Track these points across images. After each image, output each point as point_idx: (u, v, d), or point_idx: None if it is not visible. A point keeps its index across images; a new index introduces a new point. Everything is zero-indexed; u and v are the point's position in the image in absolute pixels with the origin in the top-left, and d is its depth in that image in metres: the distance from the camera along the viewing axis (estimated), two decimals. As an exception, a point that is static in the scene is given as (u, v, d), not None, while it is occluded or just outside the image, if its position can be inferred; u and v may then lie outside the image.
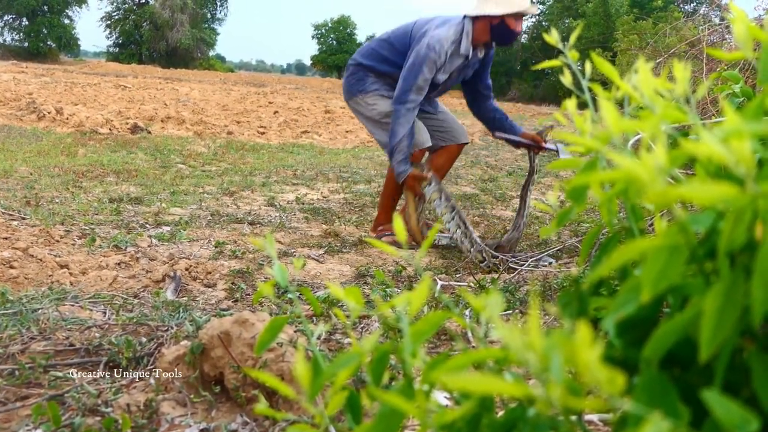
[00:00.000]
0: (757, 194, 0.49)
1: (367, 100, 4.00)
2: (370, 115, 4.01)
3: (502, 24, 3.83)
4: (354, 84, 4.05)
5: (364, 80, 4.00)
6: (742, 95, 2.03)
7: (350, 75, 4.08)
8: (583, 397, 0.55)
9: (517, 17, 3.86)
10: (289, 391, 0.76)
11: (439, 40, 3.76)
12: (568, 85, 0.87)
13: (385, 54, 3.96)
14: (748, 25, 0.69)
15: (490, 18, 3.82)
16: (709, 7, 10.81)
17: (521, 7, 3.78)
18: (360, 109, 4.06)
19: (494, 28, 3.86)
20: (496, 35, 3.91)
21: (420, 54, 3.76)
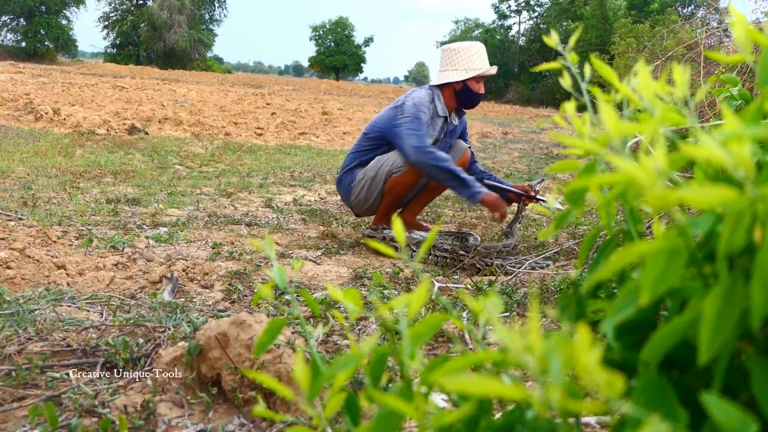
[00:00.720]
0: (756, 197, 0.49)
1: (358, 177, 4.14)
2: (366, 179, 4.11)
3: (465, 88, 4.13)
4: (345, 186, 4.23)
5: (352, 171, 4.20)
6: (740, 98, 2.04)
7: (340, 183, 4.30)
8: (581, 399, 0.55)
9: (479, 79, 4.14)
10: (287, 393, 0.76)
11: (419, 98, 4.04)
12: (567, 87, 0.88)
13: (367, 146, 4.18)
14: (747, 29, 0.69)
15: (453, 84, 4.12)
16: (707, 11, 10.84)
17: (480, 70, 4.07)
18: (359, 187, 4.15)
19: (458, 93, 4.16)
20: (462, 99, 4.19)
21: (409, 111, 3.97)
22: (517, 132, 16.48)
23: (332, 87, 40.76)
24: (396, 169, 3.99)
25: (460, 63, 4.07)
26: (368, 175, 4.08)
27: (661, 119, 0.66)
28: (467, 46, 4.10)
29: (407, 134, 3.89)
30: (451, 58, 4.10)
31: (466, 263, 3.53)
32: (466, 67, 4.06)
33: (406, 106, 3.97)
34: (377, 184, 4.06)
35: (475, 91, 4.14)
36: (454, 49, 4.11)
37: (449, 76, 4.08)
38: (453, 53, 4.10)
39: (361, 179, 4.11)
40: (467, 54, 4.07)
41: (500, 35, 55.36)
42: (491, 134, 14.92)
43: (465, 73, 4.05)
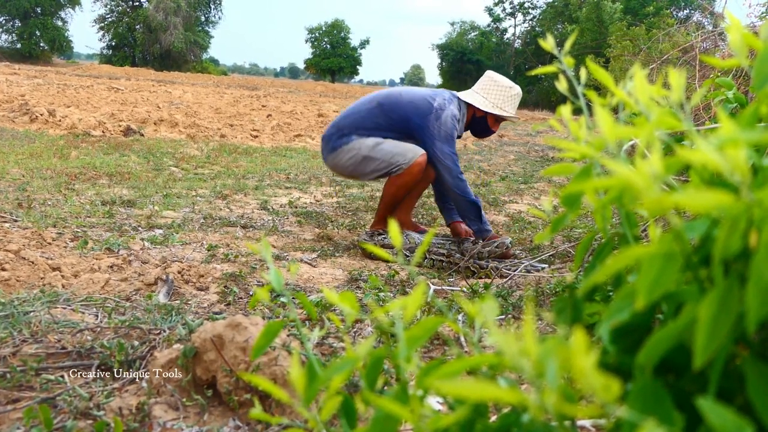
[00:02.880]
0: (752, 202, 0.49)
1: (352, 146, 4.05)
2: (360, 154, 4.03)
3: (484, 119, 4.21)
4: (336, 139, 4.11)
5: (349, 136, 4.08)
6: (736, 102, 2.04)
7: (334, 135, 4.15)
8: (576, 403, 0.55)
9: (499, 119, 4.23)
10: (282, 395, 0.76)
11: (455, 113, 4.06)
12: (563, 91, 0.88)
13: (380, 122, 4.06)
14: (743, 33, 0.69)
15: (476, 109, 4.18)
16: (702, 14, 10.86)
17: (505, 112, 4.14)
18: (347, 154, 4.07)
19: (475, 120, 4.24)
20: (475, 126, 4.28)
21: (449, 125, 3.98)
22: (512, 135, 16.50)
23: (328, 89, 40.74)
24: (396, 168, 3.98)
25: (493, 96, 4.13)
26: (362, 153, 4.02)
27: (656, 123, 0.66)
28: (507, 86, 4.15)
29: (446, 153, 3.94)
30: (488, 86, 4.16)
31: (461, 266, 3.53)
32: (496, 102, 4.12)
33: (445, 119, 3.96)
34: (370, 166, 4.04)
35: (489, 126, 4.24)
36: (496, 81, 4.16)
37: (477, 100, 4.13)
38: (493, 83, 4.15)
39: (353, 149, 4.04)
40: (504, 92, 4.13)
41: (495, 38, 55.43)
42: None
43: (491, 107, 4.11)
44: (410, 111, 4.01)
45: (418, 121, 3.97)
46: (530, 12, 54.65)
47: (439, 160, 3.94)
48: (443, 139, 3.94)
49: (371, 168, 4.03)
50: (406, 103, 4.03)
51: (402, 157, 3.96)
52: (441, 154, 3.93)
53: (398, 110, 4.04)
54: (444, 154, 3.93)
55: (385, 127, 4.04)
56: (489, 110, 4.09)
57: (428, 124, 3.95)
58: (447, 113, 3.97)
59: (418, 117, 3.98)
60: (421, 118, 3.97)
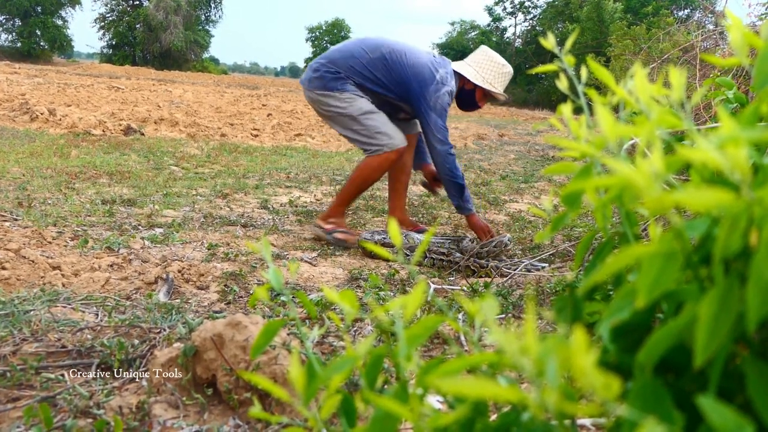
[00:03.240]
0: (753, 201, 0.49)
1: (345, 98, 3.99)
2: (347, 112, 3.98)
3: (473, 92, 4.20)
4: (331, 81, 4.01)
5: (345, 82, 4.00)
6: (736, 101, 2.04)
7: (328, 73, 4.03)
8: (577, 401, 0.55)
9: (487, 95, 4.21)
10: (282, 394, 0.76)
11: (453, 88, 4.03)
12: (564, 90, 0.88)
13: (379, 76, 4.01)
14: (744, 32, 0.69)
15: (467, 81, 4.16)
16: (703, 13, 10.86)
17: (494, 88, 4.14)
18: (336, 102, 4.00)
19: (464, 91, 4.21)
20: (463, 97, 4.26)
21: (446, 100, 3.96)
22: (513, 134, 16.50)
23: (328, 88, 40.62)
24: (376, 147, 3.96)
25: (485, 70, 4.12)
26: (350, 111, 3.98)
27: (657, 122, 0.66)
28: (500, 63, 4.16)
29: (439, 126, 3.92)
30: (481, 61, 4.15)
31: (461, 265, 3.53)
32: (487, 77, 4.12)
33: (444, 93, 3.94)
34: (348, 126, 4.02)
35: (477, 101, 4.23)
36: (490, 56, 4.17)
37: (470, 72, 4.12)
38: (486, 58, 4.16)
39: (345, 101, 3.98)
40: (496, 69, 4.14)
41: (496, 37, 55.39)
42: (487, 136, 14.93)
43: (482, 81, 4.10)
44: (411, 75, 3.96)
45: (417, 88, 3.94)
46: (530, 11, 54.63)
47: (432, 133, 3.92)
48: (438, 112, 3.92)
49: (351, 129, 4.01)
50: (409, 66, 3.97)
51: (386, 137, 3.95)
52: (435, 127, 3.91)
53: (400, 70, 3.98)
54: (437, 127, 3.91)
55: (383, 83, 4.01)
56: (479, 84, 4.09)
57: (427, 94, 3.92)
58: (447, 88, 3.95)
59: (418, 84, 3.94)
60: (421, 86, 3.93)
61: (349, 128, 4.03)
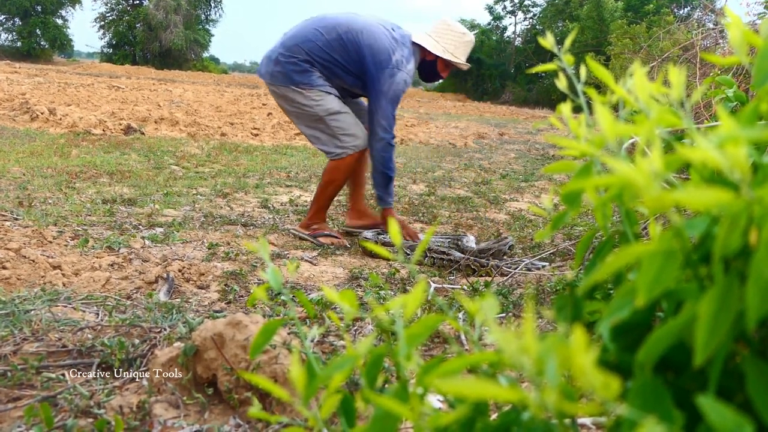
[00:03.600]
0: (752, 200, 0.49)
1: (313, 96, 3.91)
2: (314, 111, 3.91)
3: (434, 63, 4.13)
4: (297, 74, 3.90)
5: (310, 74, 3.90)
6: (736, 100, 2.04)
7: (290, 64, 3.90)
8: (577, 401, 0.55)
9: (448, 65, 4.14)
10: (282, 394, 0.76)
11: (411, 74, 3.99)
12: (563, 89, 0.88)
13: (337, 57, 3.92)
14: (743, 31, 0.69)
15: (427, 52, 4.09)
16: (703, 12, 10.85)
17: (455, 58, 4.07)
18: (303, 100, 3.92)
19: (425, 63, 4.14)
20: (424, 70, 4.20)
21: (399, 89, 3.90)
22: (513, 133, 16.49)
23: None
24: (340, 150, 3.94)
25: (445, 40, 4.06)
26: (317, 111, 3.91)
27: (656, 121, 0.66)
28: (461, 32, 4.09)
29: (388, 113, 3.87)
30: (441, 30, 4.08)
31: (462, 264, 3.53)
32: (447, 47, 4.05)
33: (399, 80, 3.87)
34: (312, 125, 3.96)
35: (439, 71, 4.17)
36: (450, 25, 4.09)
37: (430, 43, 4.05)
38: (446, 27, 4.08)
39: (312, 99, 3.91)
40: (456, 38, 4.06)
41: (496, 36, 55.38)
42: (487, 135, 14.93)
43: (442, 51, 4.04)
44: (368, 55, 3.87)
45: (372, 70, 3.86)
46: (531, 10, 54.59)
47: (379, 120, 3.86)
48: (390, 99, 3.86)
49: (316, 128, 3.96)
50: (366, 46, 3.87)
51: (351, 139, 3.92)
52: (383, 114, 3.85)
53: (357, 49, 3.89)
54: (385, 115, 3.86)
55: (342, 63, 3.91)
56: (440, 54, 4.03)
57: (381, 78, 3.85)
58: (402, 74, 3.88)
59: (374, 65, 3.86)
60: (377, 68, 3.85)
61: (313, 127, 3.97)
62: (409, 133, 13.12)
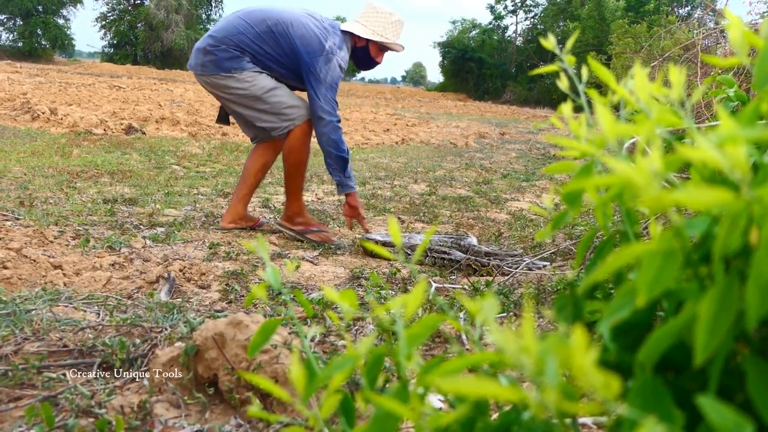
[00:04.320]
0: (752, 199, 0.49)
1: (246, 77, 3.85)
2: (250, 92, 3.85)
3: (365, 49, 4.07)
4: (227, 60, 3.84)
5: (240, 59, 3.84)
6: (737, 100, 2.04)
7: (220, 51, 3.84)
8: (577, 400, 0.55)
9: (381, 48, 4.08)
10: (283, 394, 0.76)
11: (345, 60, 3.94)
12: (564, 89, 0.88)
13: (268, 50, 3.87)
14: (743, 31, 0.69)
15: (355, 38, 4.04)
16: (704, 11, 10.85)
17: (386, 39, 4.01)
18: (238, 84, 3.85)
19: (358, 50, 4.08)
20: (357, 57, 4.13)
21: (336, 72, 3.87)
22: (514, 132, 16.50)
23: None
24: (286, 122, 3.92)
25: (373, 23, 4.01)
26: (254, 91, 3.85)
27: (657, 121, 0.66)
28: (387, 12, 4.03)
29: (329, 98, 3.84)
30: (368, 14, 4.03)
31: (462, 264, 3.53)
32: (375, 29, 4.00)
33: (335, 65, 3.84)
34: (253, 106, 3.90)
35: (373, 57, 4.10)
36: (376, 8, 4.04)
37: (357, 28, 4.01)
38: (372, 10, 4.03)
39: (246, 80, 3.85)
40: (383, 19, 4.01)
41: (497, 36, 55.37)
42: (488, 135, 14.93)
43: (372, 34, 3.99)
44: (300, 46, 3.83)
45: (306, 59, 3.82)
46: (532, 9, 54.63)
47: (320, 105, 3.82)
48: (328, 85, 3.83)
49: (256, 109, 3.90)
50: (297, 37, 3.84)
51: (295, 110, 3.90)
52: (324, 99, 3.81)
53: (288, 40, 3.85)
54: (327, 100, 3.82)
55: (273, 56, 3.87)
56: (369, 37, 3.97)
57: (317, 65, 3.81)
58: (337, 59, 3.85)
59: (308, 55, 3.82)
60: (311, 56, 3.81)
61: (254, 109, 3.91)
62: (410, 133, 13.13)
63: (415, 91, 60.19)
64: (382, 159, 9.02)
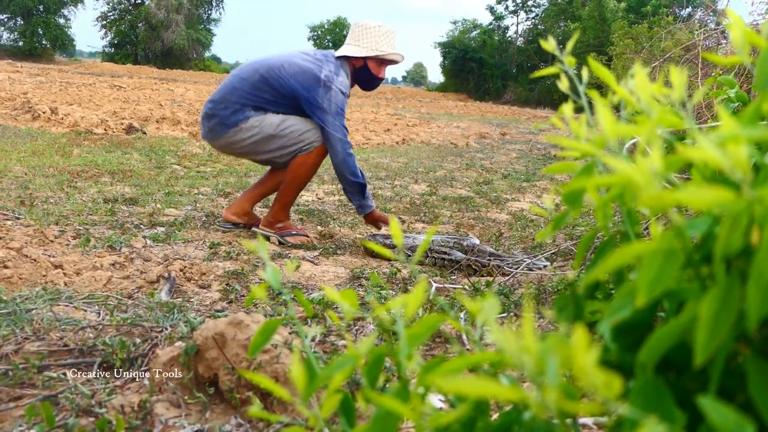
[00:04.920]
0: (754, 199, 0.49)
1: (252, 124, 3.87)
2: (263, 134, 3.86)
3: (365, 67, 4.04)
4: (231, 115, 3.88)
5: (243, 111, 3.88)
6: (738, 100, 2.04)
7: (222, 110, 3.91)
8: (578, 400, 0.55)
9: (381, 63, 4.05)
10: (283, 393, 0.76)
11: (345, 85, 3.92)
12: (565, 89, 0.88)
13: (267, 97, 3.89)
14: (745, 31, 0.69)
15: (353, 60, 4.02)
16: (705, 12, 10.85)
17: (381, 52, 3.98)
18: (248, 133, 3.88)
19: (357, 71, 4.06)
20: (359, 78, 4.12)
21: (339, 99, 3.86)
22: (515, 133, 16.50)
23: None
24: (306, 146, 3.89)
25: (364, 40, 3.99)
26: (267, 131, 3.85)
27: (658, 121, 0.66)
28: (376, 26, 4.00)
29: (337, 127, 3.83)
30: (357, 34, 4.01)
31: (463, 264, 3.53)
32: (369, 46, 3.97)
33: (336, 92, 3.84)
34: (274, 145, 3.89)
35: (374, 74, 4.07)
36: (362, 25, 4.02)
37: (350, 50, 3.99)
38: (360, 29, 4.01)
39: (254, 126, 3.86)
40: (375, 34, 3.98)
41: (498, 36, 55.35)
42: (489, 135, 14.94)
43: (366, 51, 3.97)
44: (296, 84, 3.84)
45: (306, 95, 3.82)
46: (532, 10, 54.61)
47: (332, 135, 3.82)
48: (334, 113, 3.82)
49: (277, 146, 3.89)
50: (292, 76, 3.85)
51: (312, 133, 3.88)
52: (333, 129, 3.81)
53: (284, 83, 3.86)
54: (336, 128, 3.82)
55: (274, 101, 3.89)
56: (364, 54, 3.95)
57: (317, 97, 3.81)
58: (335, 85, 3.84)
59: (306, 90, 3.82)
60: (309, 91, 3.82)
61: (273, 148, 3.91)
62: (411, 133, 13.13)
63: (415, 91, 60.19)
64: (383, 159, 9.02)
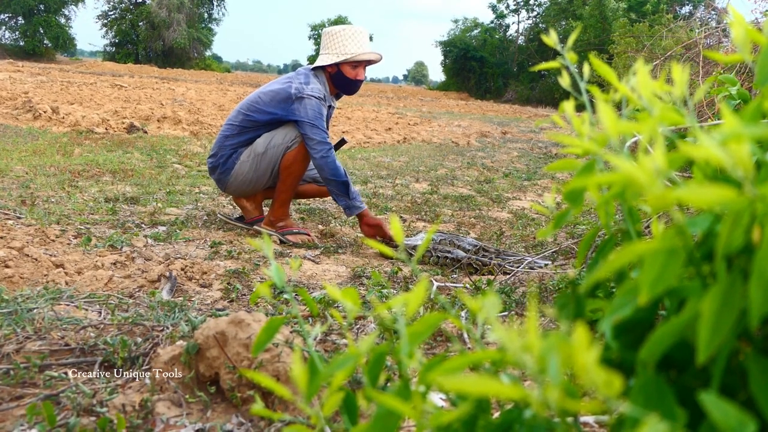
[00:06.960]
0: (755, 197, 0.49)
1: (245, 156, 3.99)
2: (257, 152, 3.97)
3: (339, 73, 4.02)
4: (227, 160, 4.03)
5: (236, 152, 4.02)
6: (739, 98, 2.04)
7: (220, 158, 4.05)
8: (579, 398, 0.55)
9: (355, 65, 4.02)
10: (285, 392, 0.76)
11: (319, 90, 3.94)
12: (566, 87, 0.87)
13: (249, 127, 3.99)
14: (746, 29, 0.69)
15: (327, 68, 4.03)
16: (706, 10, 10.84)
17: (350, 55, 3.97)
18: (244, 169, 4.02)
19: (333, 78, 4.05)
20: (337, 84, 4.09)
21: (313, 104, 3.87)
22: (516, 131, 16.49)
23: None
24: (291, 141, 3.93)
25: (333, 47, 3.99)
26: (257, 151, 3.95)
27: (659, 119, 0.66)
28: (340, 30, 4.00)
29: (316, 131, 3.85)
30: (326, 42, 4.03)
31: (464, 263, 3.53)
32: (338, 51, 3.97)
33: (309, 99, 3.87)
34: (269, 159, 3.97)
35: (350, 77, 4.05)
36: (329, 32, 4.03)
37: (322, 59, 4.01)
38: (328, 36, 4.03)
39: (247, 157, 3.97)
40: (340, 38, 3.98)
41: (499, 34, 55.31)
42: (490, 134, 14.92)
43: (336, 57, 3.97)
44: (273, 106, 3.93)
45: (282, 113, 3.90)
46: (534, 8, 54.54)
47: (311, 139, 3.84)
48: (312, 118, 3.84)
49: (272, 156, 3.97)
50: (267, 102, 3.95)
51: (296, 131, 3.93)
52: (311, 134, 3.83)
53: (262, 110, 3.96)
54: (314, 132, 3.84)
55: (258, 130, 4.00)
56: (333, 61, 3.95)
57: (294, 111, 3.87)
58: (308, 93, 3.87)
59: (284, 111, 3.90)
60: (287, 109, 3.89)
61: (269, 160, 4.00)
62: (412, 132, 13.13)
63: (416, 90, 60.18)
64: (384, 158, 9.02)
